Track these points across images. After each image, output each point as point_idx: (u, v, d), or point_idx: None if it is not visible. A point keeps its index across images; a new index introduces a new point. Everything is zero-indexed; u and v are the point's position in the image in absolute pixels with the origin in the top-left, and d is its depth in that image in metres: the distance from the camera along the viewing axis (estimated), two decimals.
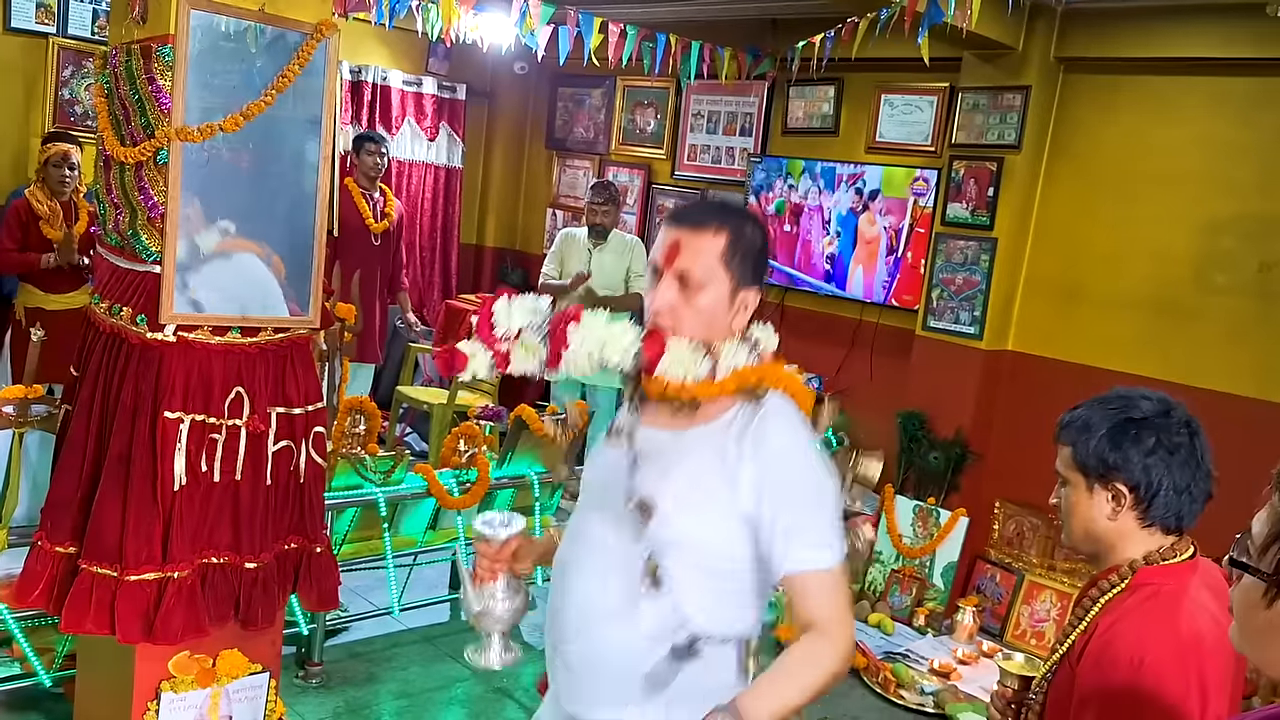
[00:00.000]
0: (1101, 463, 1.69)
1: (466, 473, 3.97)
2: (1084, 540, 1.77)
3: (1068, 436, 1.75)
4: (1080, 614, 1.75)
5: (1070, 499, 1.76)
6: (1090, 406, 1.76)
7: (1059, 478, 1.79)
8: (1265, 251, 4.39)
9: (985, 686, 4.45)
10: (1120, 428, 1.69)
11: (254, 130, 2.29)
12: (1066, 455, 1.76)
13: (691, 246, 1.70)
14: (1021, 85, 4.90)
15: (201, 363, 2.35)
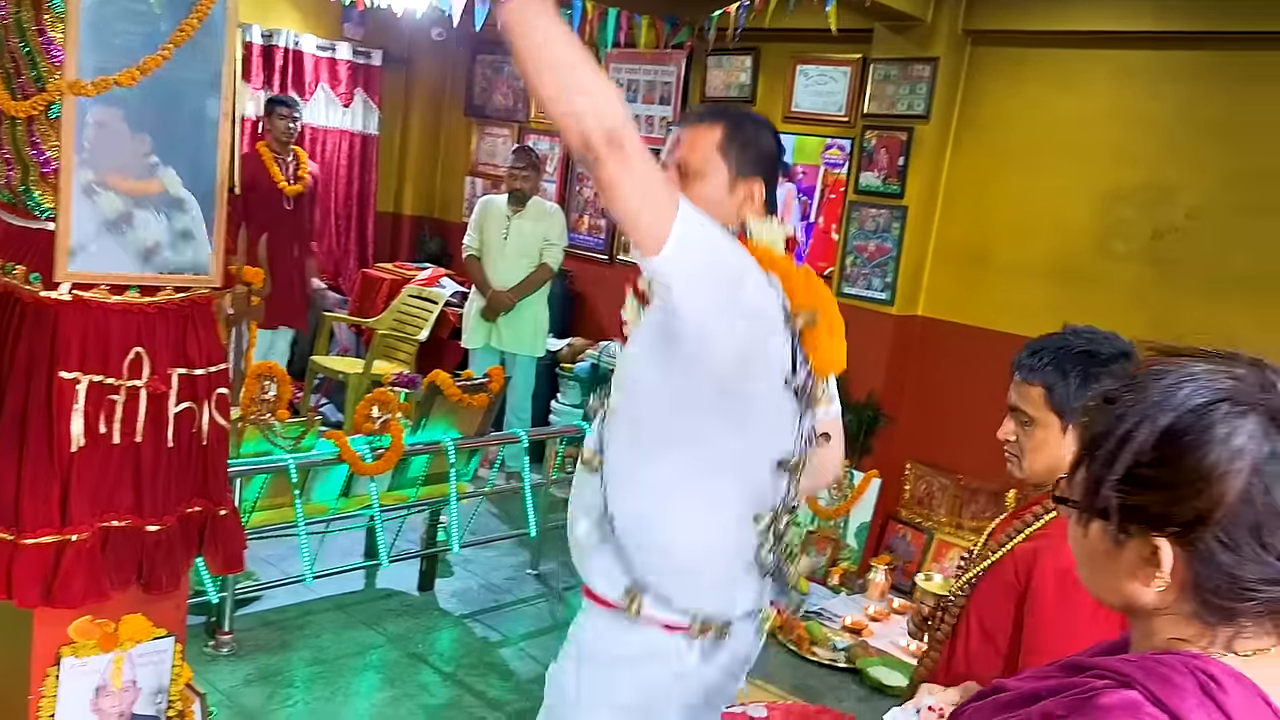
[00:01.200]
0: (1080, 406, 1.80)
1: (380, 439, 3.95)
2: (1044, 474, 1.87)
3: (1041, 378, 1.84)
4: (1020, 527, 1.89)
5: (1038, 437, 1.85)
6: (1056, 348, 1.86)
7: (1020, 415, 1.88)
8: (1159, 220, 4.55)
9: (895, 641, 4.59)
10: (1094, 370, 1.81)
11: (152, 86, 2.24)
12: (1038, 396, 1.85)
13: (688, 138, 1.82)
14: (930, 57, 4.99)
15: (98, 322, 2.30)
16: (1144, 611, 1.00)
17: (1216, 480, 0.91)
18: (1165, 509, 0.94)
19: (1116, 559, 1.00)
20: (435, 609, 4.36)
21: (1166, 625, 0.99)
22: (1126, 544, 0.99)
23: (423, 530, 4.56)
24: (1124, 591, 1.01)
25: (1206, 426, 0.92)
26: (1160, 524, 0.95)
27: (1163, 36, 4.47)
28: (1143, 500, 0.96)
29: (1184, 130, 4.46)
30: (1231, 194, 4.37)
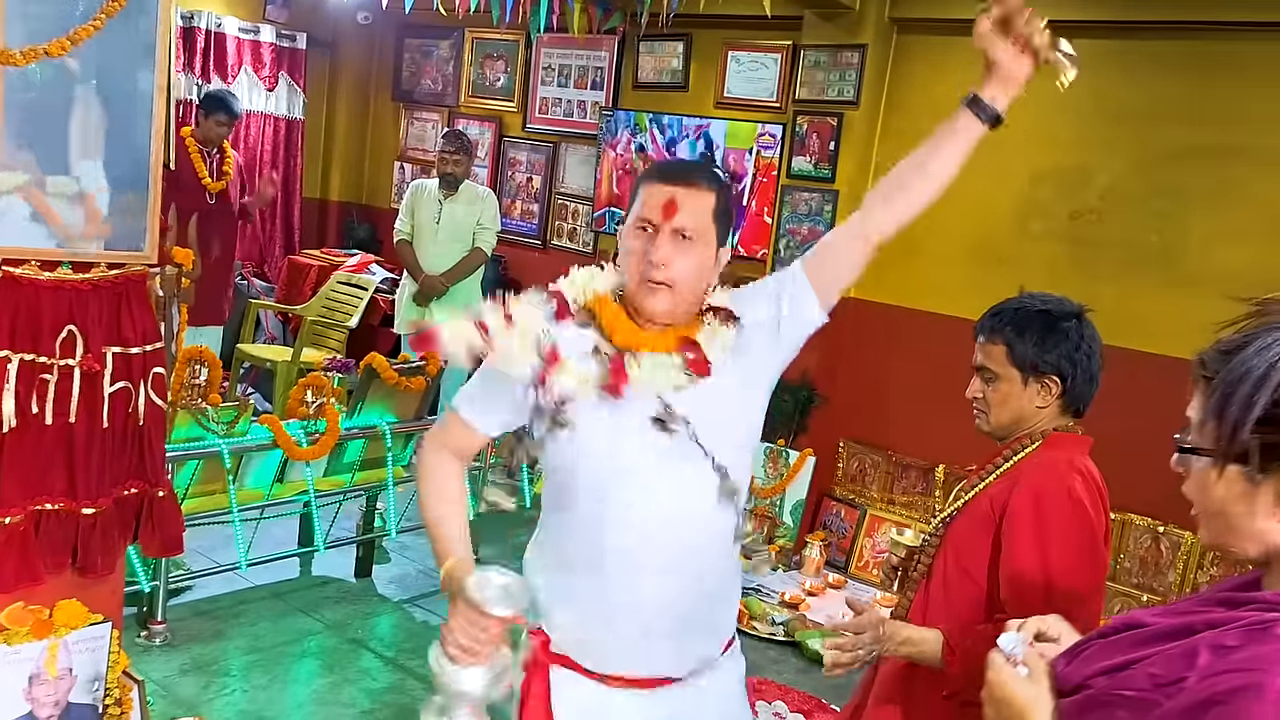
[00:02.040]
0: (1041, 360, 1.97)
1: (315, 423, 3.91)
2: (1009, 426, 2.03)
3: (1002, 337, 2.00)
4: (993, 469, 2.02)
5: (1002, 391, 2.01)
6: (1014, 310, 2.02)
7: (985, 373, 2.03)
8: (1076, 201, 4.69)
9: (831, 615, 4.66)
10: (1050, 328, 1.98)
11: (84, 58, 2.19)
12: (1000, 354, 2.01)
13: (689, 203, 1.77)
14: (859, 44, 5.07)
15: (29, 299, 2.24)
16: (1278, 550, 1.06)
17: None
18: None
19: (1253, 500, 1.06)
20: (373, 595, 4.32)
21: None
22: (1263, 484, 1.05)
23: (359, 516, 4.52)
24: (1261, 534, 1.06)
25: None
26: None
27: (1074, 25, 4.58)
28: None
29: (1097, 116, 4.60)
30: (1142, 176, 4.52)
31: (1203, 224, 4.38)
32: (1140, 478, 3.16)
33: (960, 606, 1.97)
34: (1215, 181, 4.34)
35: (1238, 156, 4.29)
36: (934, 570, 2.05)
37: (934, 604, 2.03)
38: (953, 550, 2.02)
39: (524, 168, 6.98)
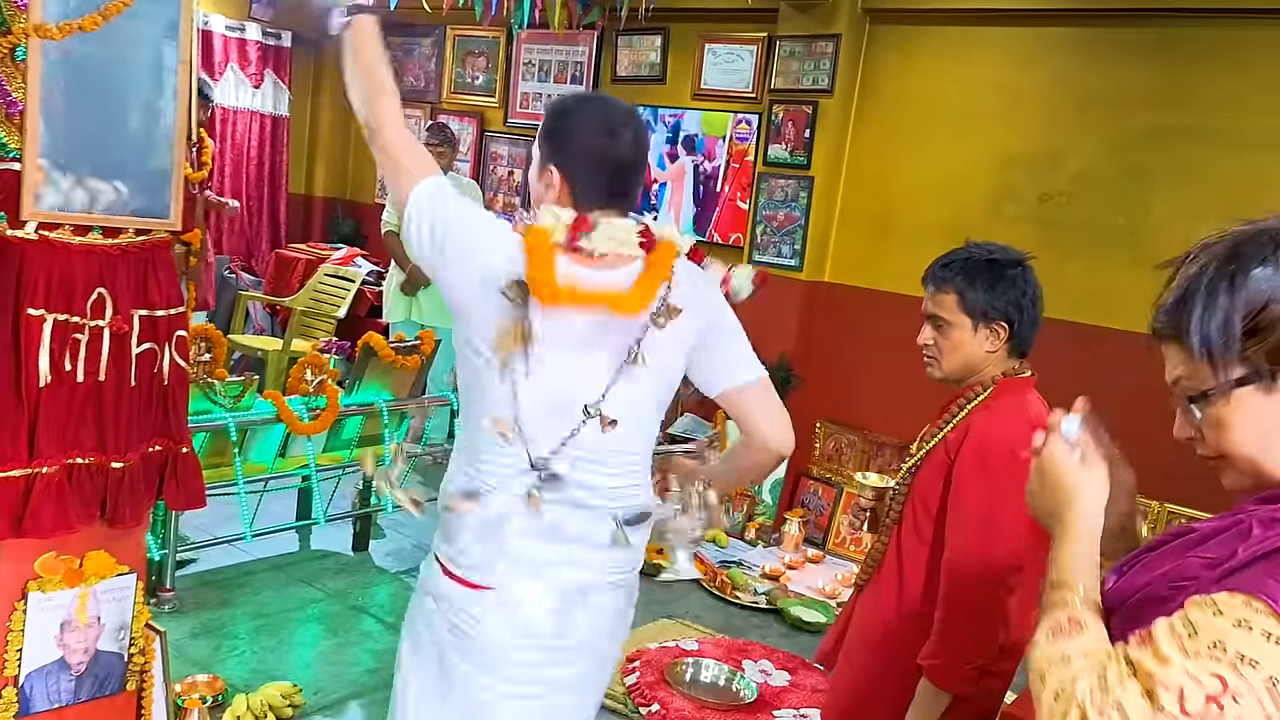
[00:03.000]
0: (991, 307, 2.07)
1: (316, 399, 4.05)
2: (961, 371, 2.14)
3: (953, 285, 2.09)
4: (949, 418, 2.13)
5: (954, 338, 2.10)
6: (964, 259, 2.10)
7: (936, 320, 2.12)
8: (1045, 184, 4.90)
9: (811, 586, 4.85)
10: (998, 276, 2.07)
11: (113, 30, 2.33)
12: (951, 302, 2.09)
13: None
14: (833, 34, 5.26)
15: (63, 262, 2.38)
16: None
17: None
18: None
19: (1270, 409, 1.12)
20: (372, 566, 4.46)
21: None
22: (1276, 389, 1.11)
23: (356, 492, 4.66)
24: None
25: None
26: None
27: (1043, 14, 4.83)
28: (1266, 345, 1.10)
29: (1066, 101, 4.82)
30: (1109, 160, 4.73)
31: (1166, 204, 4.58)
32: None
33: (931, 552, 2.10)
34: (1177, 163, 4.54)
35: (1198, 138, 4.50)
36: (904, 517, 2.17)
37: (907, 550, 2.15)
38: (919, 498, 2.14)
39: (505, 162, 7.14)
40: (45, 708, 2.60)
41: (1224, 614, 1.04)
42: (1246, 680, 1.00)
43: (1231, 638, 1.02)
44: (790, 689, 3.79)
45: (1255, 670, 1.00)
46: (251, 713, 3.13)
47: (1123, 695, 1.05)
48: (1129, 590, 1.21)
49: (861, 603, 2.27)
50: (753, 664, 3.94)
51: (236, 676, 3.38)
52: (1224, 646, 1.02)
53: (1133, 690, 1.05)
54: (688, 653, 3.94)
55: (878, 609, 2.20)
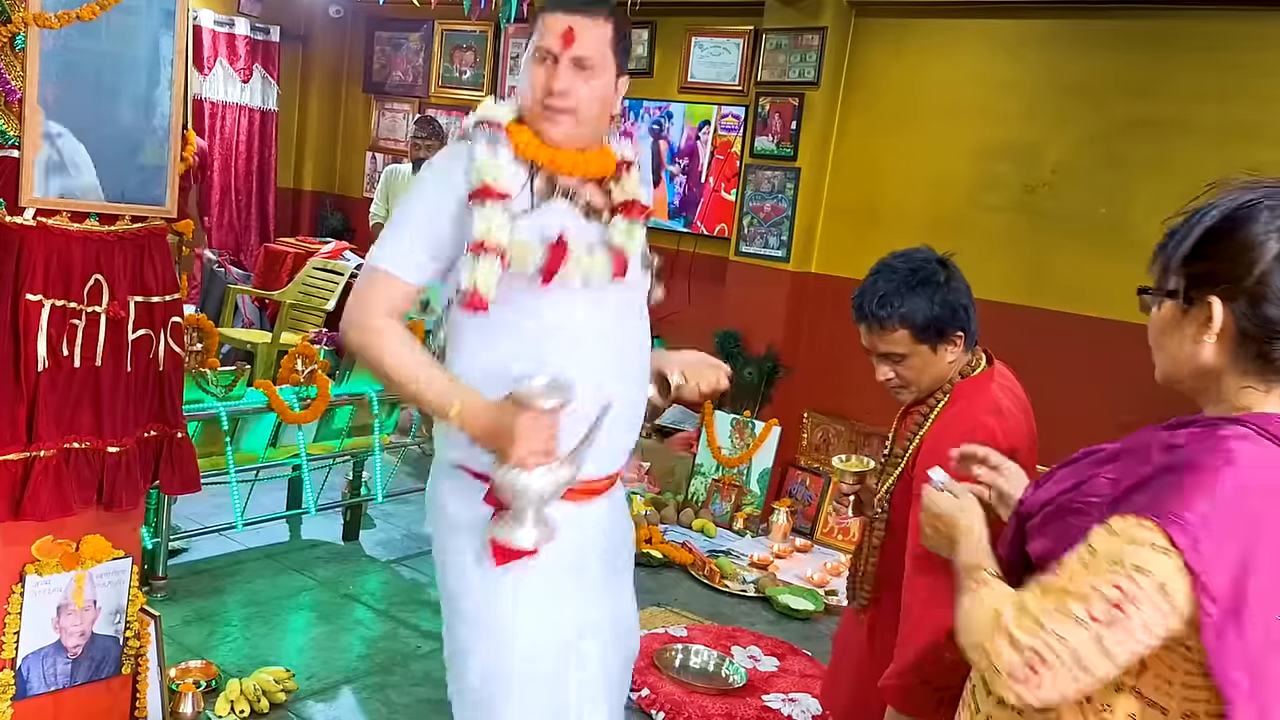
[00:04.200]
0: (945, 325, 2.03)
1: (306, 389, 4.08)
2: (932, 386, 2.09)
3: (899, 323, 2.03)
4: (915, 430, 2.10)
5: (916, 365, 2.06)
6: (895, 290, 2.03)
7: (891, 357, 2.07)
8: (1029, 175, 4.96)
9: (800, 575, 4.89)
10: (934, 292, 2.03)
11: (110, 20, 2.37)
12: (903, 338, 2.04)
13: (587, 33, 1.82)
14: (819, 27, 5.31)
15: (61, 248, 2.41)
16: (1211, 374, 1.29)
17: (1256, 248, 1.24)
18: (1220, 273, 1.26)
19: (1182, 328, 1.30)
20: (362, 556, 4.50)
21: (1232, 383, 1.28)
22: (1189, 312, 1.29)
23: (346, 483, 4.69)
24: (1190, 356, 1.30)
25: (1251, 215, 1.25)
26: (1215, 283, 1.26)
27: (1026, 6, 4.89)
28: (1203, 269, 1.27)
29: (1047, 91, 4.88)
30: (1091, 150, 4.79)
31: (1146, 193, 4.63)
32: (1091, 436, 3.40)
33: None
34: (1158, 153, 4.58)
35: (1178, 129, 4.54)
36: (891, 530, 2.13)
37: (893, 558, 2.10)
38: (899, 524, 2.08)
39: None
40: (42, 690, 2.63)
41: (1119, 535, 1.20)
42: (1141, 587, 1.16)
43: (1125, 553, 1.18)
44: (779, 674, 3.84)
45: (1147, 578, 1.16)
46: (245, 697, 3.16)
47: (1040, 613, 1.22)
48: (1044, 500, 1.38)
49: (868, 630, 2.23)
50: (741, 650, 3.99)
51: (229, 662, 3.41)
52: (1120, 560, 1.18)
53: (1049, 608, 1.22)
54: (677, 639, 3.98)
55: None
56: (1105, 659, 1.20)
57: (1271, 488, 1.16)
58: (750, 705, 3.55)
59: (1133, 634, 1.18)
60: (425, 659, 3.61)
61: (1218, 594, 1.14)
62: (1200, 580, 1.14)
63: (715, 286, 5.86)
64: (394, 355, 1.85)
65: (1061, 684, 1.21)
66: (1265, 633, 1.15)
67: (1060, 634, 1.20)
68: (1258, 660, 1.15)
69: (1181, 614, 1.16)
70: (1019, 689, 1.22)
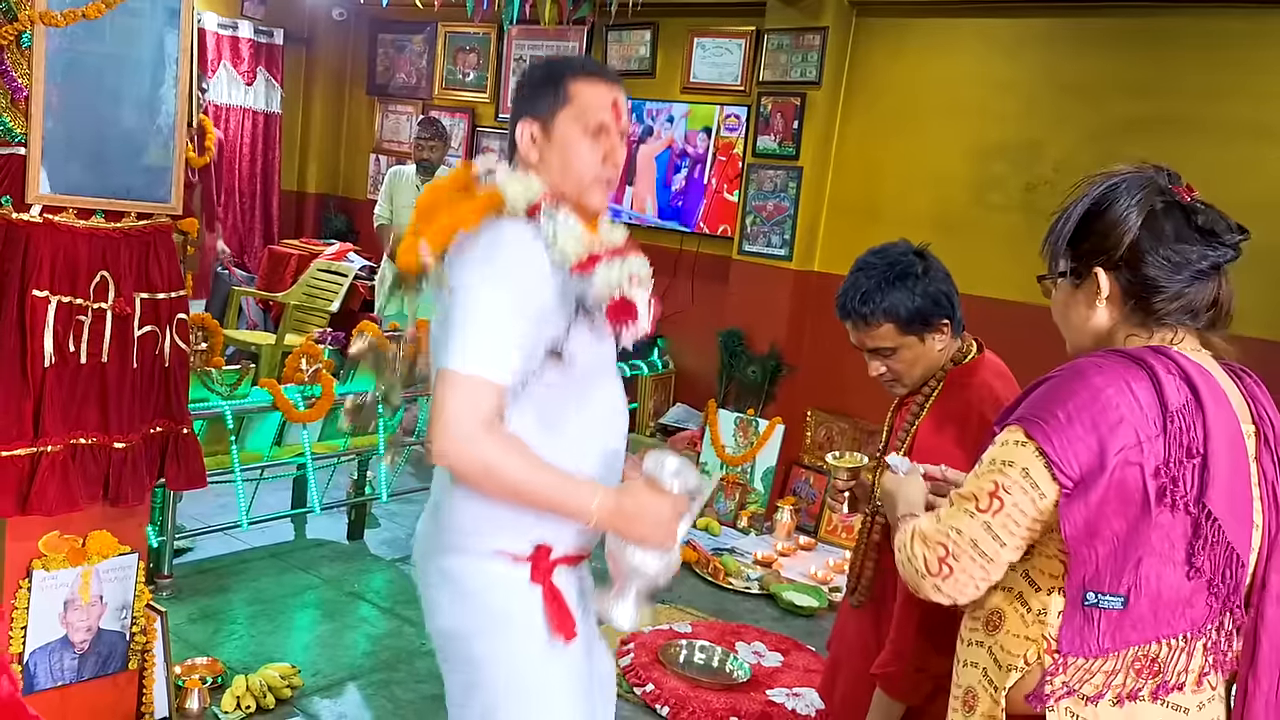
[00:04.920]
0: (930, 315, 2.05)
1: (311, 388, 4.09)
2: (925, 377, 2.11)
3: (882, 317, 2.05)
4: (911, 420, 2.11)
5: (907, 357, 2.08)
6: (875, 286, 2.06)
7: (881, 352, 2.10)
8: (1029, 174, 4.97)
9: (804, 572, 4.90)
10: (915, 284, 2.05)
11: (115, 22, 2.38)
12: (889, 332, 2.06)
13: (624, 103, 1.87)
14: (820, 27, 5.33)
15: (67, 245, 2.43)
16: (1105, 334, 1.54)
17: (1122, 223, 1.50)
18: (1099, 248, 1.51)
19: (1077, 301, 1.56)
20: (367, 555, 4.51)
21: (1121, 334, 1.53)
22: (1081, 285, 1.54)
23: (351, 482, 4.70)
24: (1088, 323, 1.55)
25: (1114, 196, 1.51)
26: (1097, 257, 1.51)
27: (1025, 5, 4.91)
28: (1084, 249, 1.53)
29: (1047, 90, 4.89)
30: (1091, 148, 4.80)
31: None
32: None
33: None
34: (1157, 151, 4.51)
35: (1177, 127, 4.56)
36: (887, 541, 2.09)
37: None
38: None
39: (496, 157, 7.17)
40: (49, 685, 2.65)
41: (995, 444, 1.49)
42: (1009, 476, 1.44)
43: (997, 453, 1.47)
44: (783, 669, 3.84)
45: (1012, 468, 1.44)
46: (251, 693, 3.17)
47: (945, 516, 1.51)
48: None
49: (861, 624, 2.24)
50: (746, 646, 4.00)
51: (235, 659, 3.43)
52: (995, 460, 1.47)
53: (950, 511, 1.50)
54: (681, 635, 3.99)
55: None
56: (995, 542, 1.45)
57: (1110, 374, 1.42)
58: (754, 700, 3.55)
59: (1012, 517, 1.44)
60: (430, 656, 3.60)
61: (1071, 474, 1.40)
62: (1053, 462, 1.40)
63: (718, 286, 5.87)
64: (521, 469, 1.73)
65: (970, 570, 1.47)
66: (1120, 498, 1.39)
67: (957, 527, 1.48)
68: (1095, 523, 1.39)
69: (1045, 495, 1.42)
70: (935, 582, 1.49)
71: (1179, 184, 1.54)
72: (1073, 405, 1.40)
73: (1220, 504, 1.40)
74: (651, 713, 3.47)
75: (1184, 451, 1.39)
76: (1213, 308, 1.50)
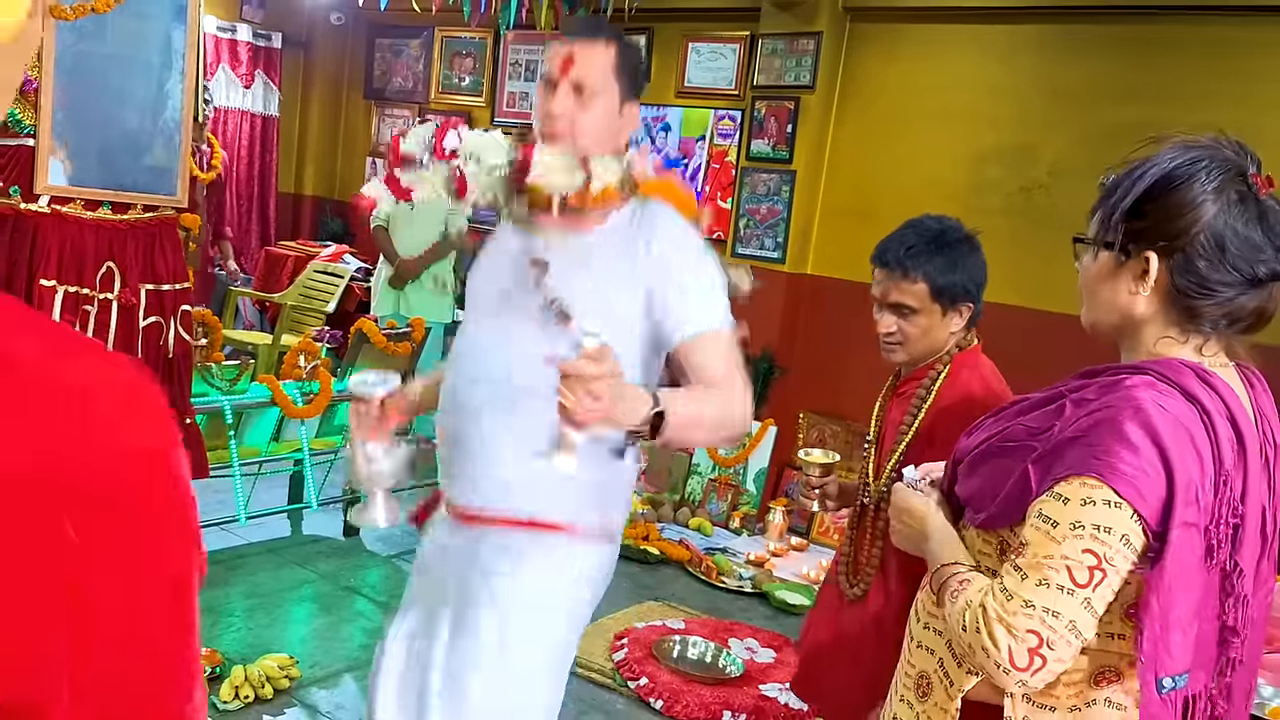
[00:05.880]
0: (962, 290, 2.06)
1: (309, 384, 4.13)
2: (925, 354, 2.11)
3: (922, 274, 2.03)
4: (918, 405, 2.10)
5: (923, 324, 2.07)
6: (926, 241, 2.06)
7: (901, 309, 2.07)
8: (1024, 178, 5.03)
9: (796, 572, 4.95)
10: (963, 256, 2.06)
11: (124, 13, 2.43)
12: (922, 291, 2.04)
13: (585, 57, 1.83)
14: (814, 31, 5.39)
15: (74, 236, 2.48)
16: (1135, 323, 1.37)
17: (1195, 208, 1.30)
18: (1160, 229, 1.33)
19: (1118, 278, 1.37)
20: (363, 550, 4.55)
21: (1153, 332, 1.36)
22: (1126, 264, 1.36)
23: (346, 480, 4.74)
24: (1122, 305, 1.37)
25: (1192, 173, 1.32)
26: (1153, 239, 1.33)
27: (1018, 11, 4.97)
28: (1142, 225, 1.34)
29: (1040, 95, 4.96)
30: (1083, 152, 4.86)
31: None
32: None
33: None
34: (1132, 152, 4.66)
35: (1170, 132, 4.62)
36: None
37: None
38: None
39: None
40: None
41: (1070, 499, 1.26)
42: (1109, 544, 1.23)
43: (1084, 515, 1.24)
44: (775, 665, 3.88)
45: (1111, 534, 1.24)
46: (249, 683, 3.20)
47: (1024, 592, 1.26)
48: (971, 445, 1.47)
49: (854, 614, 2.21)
50: (738, 642, 4.04)
51: (233, 651, 3.46)
52: (1081, 524, 1.24)
53: (1030, 585, 1.25)
54: (674, 631, 4.03)
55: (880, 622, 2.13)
56: (1093, 618, 1.26)
57: (1173, 423, 1.25)
58: (747, 694, 3.60)
59: (1112, 587, 1.25)
60: None
61: (1154, 527, 1.24)
62: (1147, 522, 1.23)
63: None
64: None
65: (1064, 655, 1.25)
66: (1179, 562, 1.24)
67: (1053, 609, 1.24)
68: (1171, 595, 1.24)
69: (1137, 553, 1.25)
70: (1022, 677, 1.25)
71: (1259, 172, 1.35)
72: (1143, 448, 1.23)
73: (1246, 557, 1.29)
74: (645, 706, 3.51)
75: (1230, 511, 1.27)
76: (1254, 317, 1.35)
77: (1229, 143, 1.37)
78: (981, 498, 1.40)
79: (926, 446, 2.04)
